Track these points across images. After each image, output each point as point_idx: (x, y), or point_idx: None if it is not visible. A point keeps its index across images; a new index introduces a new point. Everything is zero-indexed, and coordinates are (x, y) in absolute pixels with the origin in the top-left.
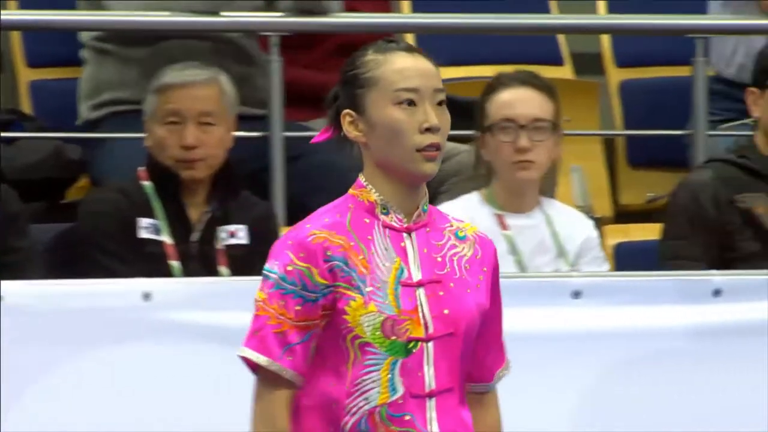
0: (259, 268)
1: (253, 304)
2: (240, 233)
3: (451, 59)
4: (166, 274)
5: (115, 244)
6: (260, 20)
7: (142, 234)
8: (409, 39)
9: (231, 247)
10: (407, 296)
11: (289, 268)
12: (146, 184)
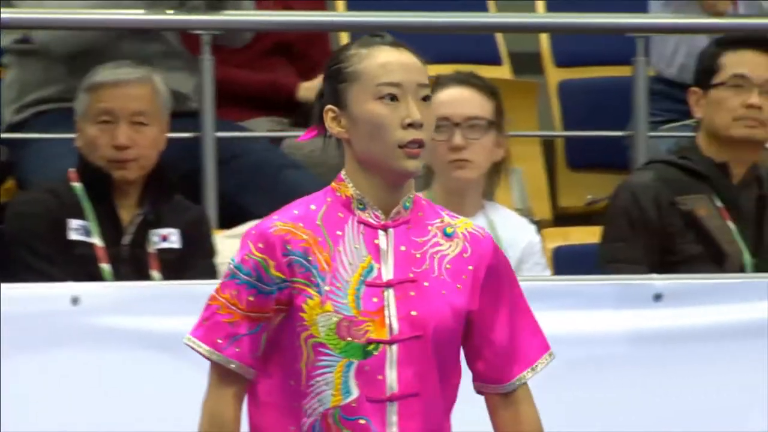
0: (191, 273)
1: (183, 309)
2: (172, 237)
3: None
4: (96, 277)
5: (45, 246)
6: (191, 18)
7: (72, 236)
8: (344, 38)
9: (163, 251)
10: (372, 297)
11: (245, 258)
12: (76, 185)
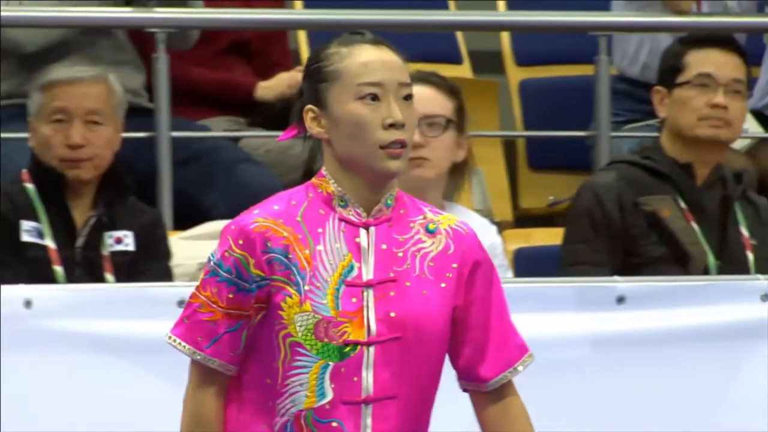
0: (145, 276)
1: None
2: (127, 239)
3: None
4: (49, 279)
5: None
6: (146, 16)
7: (25, 238)
8: (302, 36)
9: (117, 253)
10: (351, 297)
11: (226, 254)
12: (29, 186)
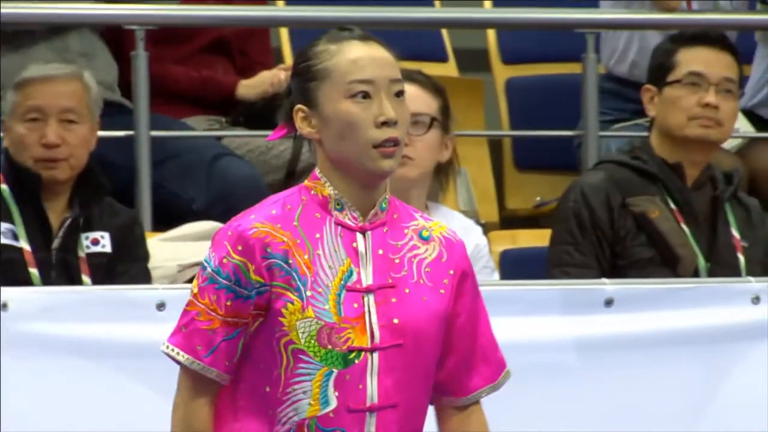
0: (122, 278)
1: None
2: (103, 241)
3: None
4: (24, 282)
5: None
6: (126, 13)
7: None
8: (284, 34)
9: (94, 255)
10: (353, 302)
11: (224, 261)
12: (3, 187)
